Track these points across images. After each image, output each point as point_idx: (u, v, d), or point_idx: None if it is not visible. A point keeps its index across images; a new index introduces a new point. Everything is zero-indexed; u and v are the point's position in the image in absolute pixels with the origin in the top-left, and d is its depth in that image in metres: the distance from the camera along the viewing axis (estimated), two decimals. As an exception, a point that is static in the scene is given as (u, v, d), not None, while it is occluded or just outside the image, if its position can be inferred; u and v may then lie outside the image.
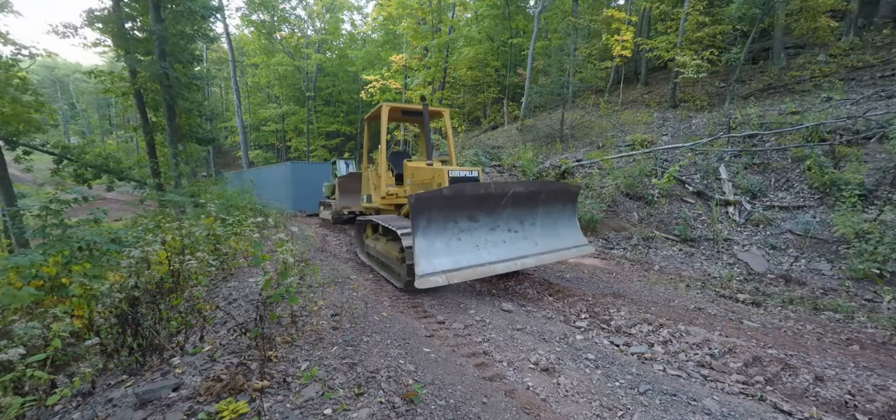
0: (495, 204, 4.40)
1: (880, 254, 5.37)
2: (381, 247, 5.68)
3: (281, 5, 28.86)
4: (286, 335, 2.96)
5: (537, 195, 4.76)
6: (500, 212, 4.49)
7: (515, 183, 4.53)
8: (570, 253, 4.94)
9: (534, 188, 4.72)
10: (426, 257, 3.85)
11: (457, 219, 4.18)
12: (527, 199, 4.68)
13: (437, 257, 3.92)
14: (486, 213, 4.40)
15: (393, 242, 5.25)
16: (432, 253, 3.92)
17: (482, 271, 4.06)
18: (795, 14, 12.79)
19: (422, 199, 3.83)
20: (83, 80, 34.09)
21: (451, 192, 4.05)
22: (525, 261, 4.40)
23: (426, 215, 3.94)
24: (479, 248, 4.25)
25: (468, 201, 4.22)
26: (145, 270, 3.57)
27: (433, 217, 3.99)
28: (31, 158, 10.60)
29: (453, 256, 4.03)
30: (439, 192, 3.99)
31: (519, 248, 4.50)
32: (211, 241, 5.60)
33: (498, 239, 4.46)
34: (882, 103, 8.68)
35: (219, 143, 25.86)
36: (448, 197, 4.05)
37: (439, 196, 3.97)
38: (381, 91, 21.24)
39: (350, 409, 2.09)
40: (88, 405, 2.27)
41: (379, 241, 5.88)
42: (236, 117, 25.50)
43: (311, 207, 15.91)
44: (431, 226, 3.99)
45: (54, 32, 15.42)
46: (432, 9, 20.21)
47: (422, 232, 3.92)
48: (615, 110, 15.73)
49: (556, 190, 5.06)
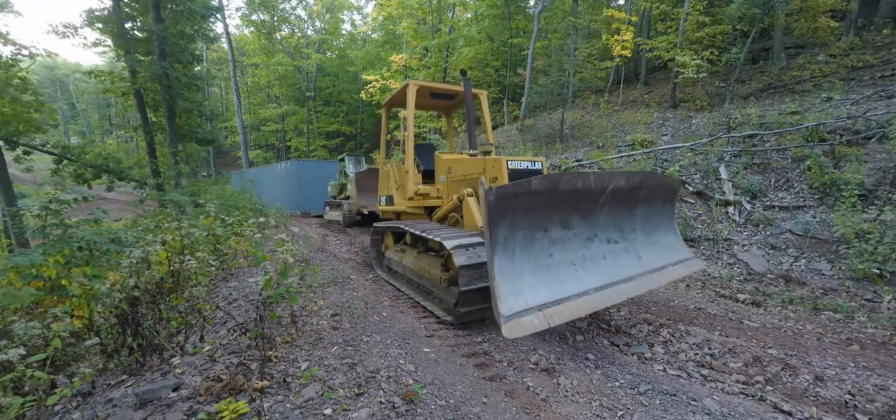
0: (593, 203, 3.22)
1: (880, 254, 5.37)
2: (410, 262, 4.77)
3: (281, 5, 28.87)
4: (286, 335, 2.96)
5: (638, 191, 3.61)
6: (597, 214, 3.31)
7: (613, 173, 3.41)
8: (679, 270, 3.72)
9: (636, 181, 3.53)
10: (512, 287, 2.52)
11: (547, 226, 2.93)
12: (626, 197, 3.50)
13: (527, 286, 2.62)
14: (580, 217, 3.19)
15: (431, 258, 4.35)
16: (519, 279, 2.62)
17: (588, 304, 2.79)
18: (795, 14, 12.78)
19: (504, 195, 2.52)
20: (83, 80, 34.09)
21: (543, 185, 2.73)
22: (633, 285, 3.20)
23: (508, 221, 2.62)
24: (577, 269, 3.01)
25: (563, 199, 2.97)
26: (145, 270, 3.58)
27: (518, 223, 2.69)
28: (31, 158, 10.60)
29: (548, 283, 2.75)
30: (526, 185, 2.64)
31: (622, 267, 3.30)
32: (211, 241, 5.60)
33: (596, 254, 3.23)
34: (882, 103, 8.68)
35: (219, 143, 25.84)
36: (539, 192, 2.75)
37: (527, 191, 2.68)
38: (381, 91, 21.24)
39: (350, 409, 2.09)
40: (88, 405, 2.27)
41: (407, 254, 4.97)
42: (236, 117, 25.51)
43: (316, 208, 15.19)
44: (515, 237, 2.67)
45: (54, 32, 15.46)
46: (432, 9, 20.22)
47: (503, 247, 2.57)
48: (615, 110, 15.73)
49: (657, 184, 3.90)
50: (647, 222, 3.81)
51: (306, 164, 17.91)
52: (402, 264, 5.03)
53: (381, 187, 6.78)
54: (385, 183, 6.58)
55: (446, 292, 3.88)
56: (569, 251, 3.04)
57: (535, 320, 2.43)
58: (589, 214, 3.25)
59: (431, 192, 5.32)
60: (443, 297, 3.98)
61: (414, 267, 4.69)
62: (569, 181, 2.95)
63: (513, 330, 2.33)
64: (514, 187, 2.60)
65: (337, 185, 13.34)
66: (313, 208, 15.49)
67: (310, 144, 29.23)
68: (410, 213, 5.65)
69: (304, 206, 15.86)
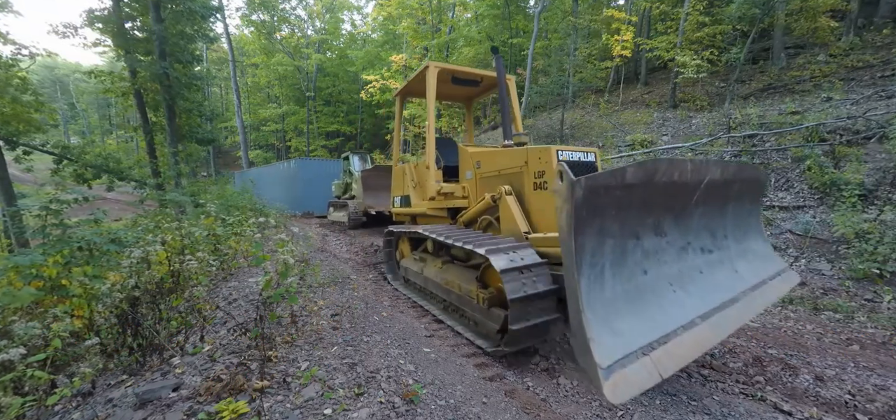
0: (686, 201, 2.48)
1: (880, 254, 5.37)
2: (433, 273, 4.15)
3: (281, 5, 28.88)
4: (286, 335, 2.96)
5: (731, 186, 2.87)
6: (690, 215, 2.58)
7: (707, 162, 2.80)
8: (779, 286, 2.97)
9: (730, 172, 2.78)
10: (605, 323, 1.81)
11: (639, 232, 2.21)
12: (719, 193, 2.76)
13: (623, 320, 1.91)
14: (673, 220, 2.46)
15: (461, 269, 3.77)
16: (612, 310, 1.90)
17: (699, 341, 2.05)
18: (795, 14, 12.78)
19: (595, 189, 1.76)
20: (83, 80, 34.10)
21: (638, 176, 1.95)
22: (738, 309, 2.44)
23: (597, 227, 1.89)
24: (675, 290, 2.27)
25: (657, 195, 2.21)
26: (145, 270, 3.57)
27: (607, 229, 1.96)
28: (31, 158, 10.61)
29: (646, 313, 2.02)
30: (620, 176, 1.86)
31: (721, 285, 2.57)
32: (211, 241, 5.60)
33: (692, 269, 2.51)
34: (882, 103, 8.68)
35: (219, 143, 25.88)
36: (633, 186, 1.96)
37: (620, 184, 1.89)
38: (381, 91, 21.25)
39: (350, 409, 2.09)
40: (88, 405, 2.27)
41: (428, 264, 4.35)
42: (236, 117, 25.53)
43: (320, 208, 14.75)
44: (604, 249, 1.96)
45: (54, 32, 15.46)
46: (432, 9, 20.22)
47: (590, 264, 1.87)
48: (615, 110, 15.73)
49: (749, 177, 3.14)
50: (737, 225, 3.09)
51: (309, 162, 17.32)
52: (423, 276, 4.38)
53: (395, 187, 6.08)
54: (399, 182, 5.85)
55: (485, 314, 3.19)
56: (663, 265, 2.31)
57: (644, 372, 1.72)
58: (681, 215, 2.52)
59: (456, 192, 4.59)
60: (480, 319, 3.30)
61: (438, 280, 4.01)
62: (666, 170, 2.16)
63: (617, 389, 1.58)
64: (607, 178, 1.82)
65: (341, 184, 12.86)
66: (316, 208, 15.09)
67: (310, 144, 29.24)
68: (431, 216, 4.96)
69: (308, 206, 15.44)
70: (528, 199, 3.48)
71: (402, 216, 5.89)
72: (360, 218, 10.26)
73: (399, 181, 5.91)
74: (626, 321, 1.90)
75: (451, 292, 3.76)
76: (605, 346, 1.70)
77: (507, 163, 3.81)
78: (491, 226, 3.94)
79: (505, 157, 3.87)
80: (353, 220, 10.42)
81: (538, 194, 3.38)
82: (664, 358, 1.82)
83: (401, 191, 5.78)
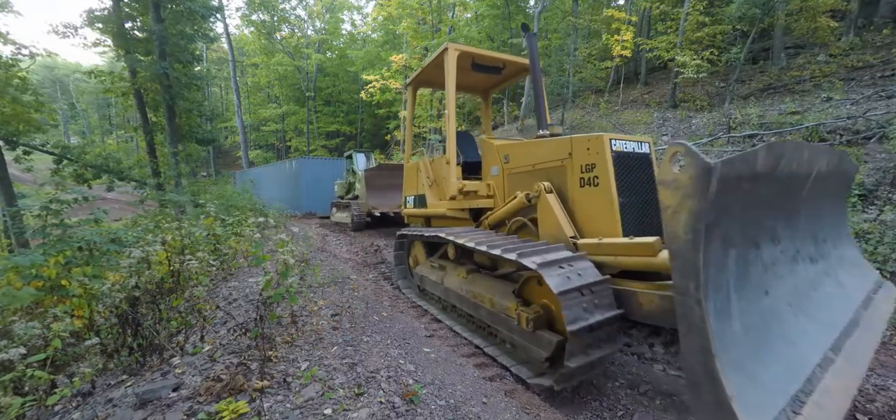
0: (797, 196, 2.05)
1: (880, 254, 5.37)
2: (456, 284, 3.62)
3: (281, 5, 28.91)
4: (286, 335, 2.96)
5: (831, 178, 2.39)
6: (798, 215, 2.14)
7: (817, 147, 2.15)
8: (885, 304, 2.35)
9: (834, 161, 2.32)
10: (739, 366, 1.29)
11: (759, 239, 1.77)
12: (821, 186, 2.28)
13: (755, 360, 1.41)
14: (784, 221, 2.00)
15: (493, 281, 3.23)
16: (742, 347, 1.39)
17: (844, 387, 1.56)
18: (795, 14, 12.79)
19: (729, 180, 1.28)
20: (83, 80, 34.10)
21: (767, 163, 1.55)
22: (863, 334, 1.92)
23: (721, 233, 1.41)
24: (795, 314, 1.80)
25: (777, 188, 1.82)
26: (145, 270, 3.57)
27: (730, 237, 1.51)
28: (31, 158, 10.61)
29: (777, 350, 1.56)
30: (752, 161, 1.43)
31: (835, 305, 2.08)
32: (211, 241, 5.61)
33: (805, 284, 2.01)
34: (882, 103, 8.68)
35: (219, 143, 25.90)
36: (760, 176, 1.57)
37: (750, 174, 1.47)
38: (381, 91, 21.25)
39: (350, 409, 2.09)
40: (88, 405, 2.27)
41: (449, 273, 3.85)
42: (236, 117, 25.55)
43: (322, 208, 14.46)
44: (727, 263, 1.49)
45: (54, 32, 15.47)
46: (432, 9, 20.22)
47: (715, 285, 1.34)
48: (615, 110, 15.73)
49: (845, 170, 2.68)
50: (832, 227, 2.58)
51: (312, 162, 16.85)
52: (444, 286, 3.84)
53: (408, 186, 5.52)
54: (412, 180, 5.30)
55: (529, 339, 2.64)
56: (780, 281, 1.81)
57: None
58: (792, 216, 2.05)
59: (480, 190, 4.10)
60: (519, 342, 2.77)
61: (463, 292, 3.47)
62: (791, 156, 1.73)
63: None
64: (740, 166, 1.36)
65: (344, 184, 12.48)
66: (319, 209, 14.78)
67: (310, 144, 29.26)
68: (450, 218, 4.41)
69: (310, 206, 15.11)
70: (573, 197, 3.06)
71: (415, 218, 5.36)
72: (363, 219, 9.92)
73: (412, 179, 5.33)
74: (761, 364, 1.41)
75: (480, 307, 3.21)
76: (750, 404, 1.19)
77: (544, 156, 3.35)
78: (524, 229, 3.48)
79: (542, 149, 3.38)
80: (357, 222, 10.08)
81: (586, 192, 2.94)
82: (817, 417, 1.31)
83: (414, 190, 5.24)
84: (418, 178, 5.07)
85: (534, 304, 2.69)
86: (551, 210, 3.02)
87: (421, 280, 4.41)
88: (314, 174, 15.47)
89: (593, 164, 2.91)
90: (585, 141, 2.99)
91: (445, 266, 3.99)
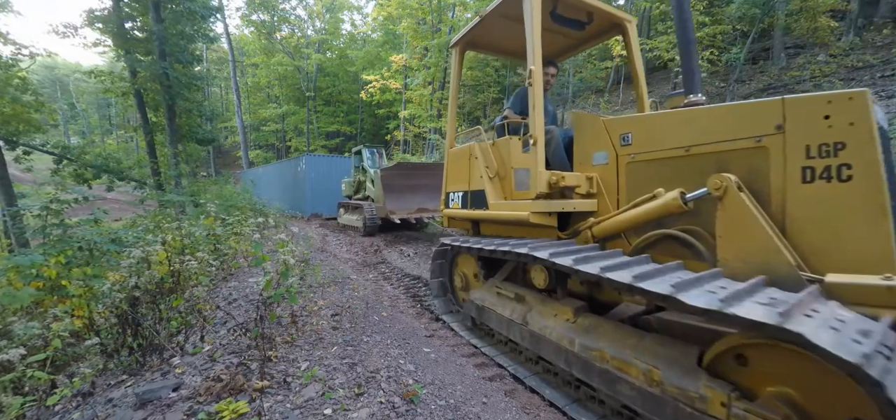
0: None
1: None
2: (559, 332, 2.45)
3: (281, 5, 28.92)
4: (286, 335, 2.96)
5: None
6: None
7: None
8: None
9: None
10: None
11: None
12: None
13: None
14: None
15: (651, 342, 1.99)
16: None
17: None
18: (795, 14, 12.79)
19: None
20: (83, 80, 34.10)
21: None
22: None
23: None
24: None
25: None
26: (145, 270, 3.57)
27: None
28: (31, 158, 10.63)
29: None
30: None
31: None
32: (211, 241, 5.61)
33: None
34: (882, 103, 8.68)
35: (219, 143, 25.97)
36: None
37: None
38: (381, 91, 21.26)
39: (350, 409, 2.09)
40: (88, 405, 2.27)
41: (539, 309, 2.71)
42: (236, 117, 25.57)
43: (328, 209, 13.73)
44: None
45: (54, 32, 15.48)
46: (432, 9, 20.22)
47: None
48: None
49: None
50: None
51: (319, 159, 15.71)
52: (529, 330, 2.69)
53: (452, 178, 4.04)
54: (459, 171, 3.88)
55: None
56: None
57: None
58: None
59: (580, 185, 2.86)
60: None
61: (574, 347, 2.31)
62: None
63: None
64: None
65: (353, 182, 11.47)
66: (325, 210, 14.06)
67: (310, 144, 29.28)
68: (534, 226, 2.95)
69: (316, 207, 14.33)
70: (786, 199, 1.93)
71: (461, 222, 4.00)
72: (377, 222, 8.96)
73: (459, 170, 3.89)
74: None
75: (622, 380, 2.01)
76: None
77: (715, 132, 2.19)
78: (665, 246, 2.40)
79: (707, 121, 2.24)
80: (370, 226, 8.99)
81: (819, 191, 1.81)
82: None
83: (463, 184, 3.80)
84: (470, 168, 3.66)
85: (766, 392, 1.56)
86: (750, 217, 1.90)
87: (480, 312, 3.25)
88: (321, 173, 14.64)
89: (841, 143, 1.74)
90: (822, 103, 1.79)
91: (527, 298, 2.82)
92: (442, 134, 18.43)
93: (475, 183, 3.62)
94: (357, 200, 10.68)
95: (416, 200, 8.83)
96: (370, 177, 10.06)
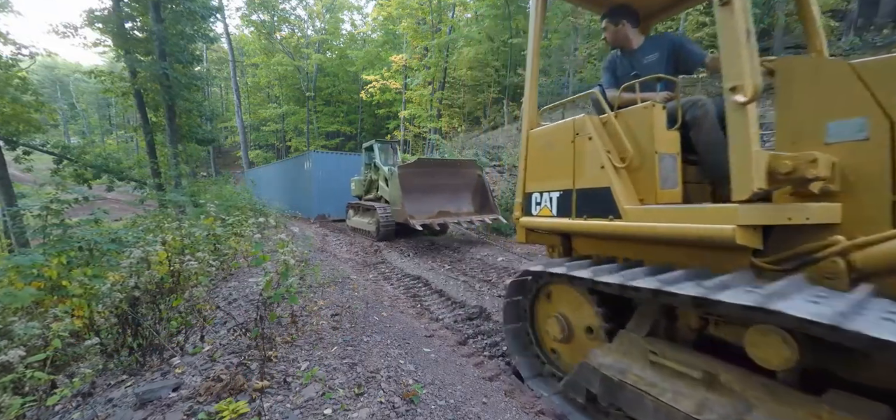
0: None
1: None
2: None
3: (281, 5, 28.95)
4: (286, 335, 2.96)
5: None
6: None
7: None
8: None
9: None
10: None
11: None
12: None
13: None
14: None
15: None
16: None
17: None
18: (795, 14, 12.79)
19: None
20: (83, 80, 34.13)
21: None
22: None
23: None
24: None
25: None
26: (145, 270, 3.57)
27: None
28: (31, 158, 10.64)
29: None
30: None
31: None
32: (211, 241, 5.61)
33: None
34: (882, 103, 8.69)
35: (219, 143, 26.00)
36: None
37: None
38: (381, 91, 21.27)
39: (350, 409, 2.09)
40: (88, 405, 2.27)
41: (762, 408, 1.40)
42: (236, 117, 25.58)
43: (336, 210, 12.93)
44: None
45: (54, 32, 15.49)
46: (432, 9, 20.23)
47: None
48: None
49: None
50: None
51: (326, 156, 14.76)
52: None
53: (535, 171, 2.78)
54: (552, 160, 2.63)
55: None
56: None
57: None
58: None
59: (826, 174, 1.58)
60: None
61: None
62: None
63: None
64: None
65: (363, 181, 10.43)
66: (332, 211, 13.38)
67: (310, 144, 29.30)
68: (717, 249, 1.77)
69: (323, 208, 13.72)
70: None
71: (547, 234, 2.80)
72: (391, 226, 8.05)
73: (554, 158, 2.61)
74: None
75: None
76: None
77: None
78: None
79: None
80: (385, 230, 8.11)
81: None
82: None
83: (559, 179, 2.53)
84: (576, 155, 2.41)
85: None
86: None
87: (607, 389, 1.90)
88: (328, 172, 13.75)
89: None
90: None
91: (735, 385, 1.53)
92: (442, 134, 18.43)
93: (588, 177, 2.33)
94: (368, 201, 9.70)
95: (436, 202, 7.95)
96: (383, 175, 9.03)
